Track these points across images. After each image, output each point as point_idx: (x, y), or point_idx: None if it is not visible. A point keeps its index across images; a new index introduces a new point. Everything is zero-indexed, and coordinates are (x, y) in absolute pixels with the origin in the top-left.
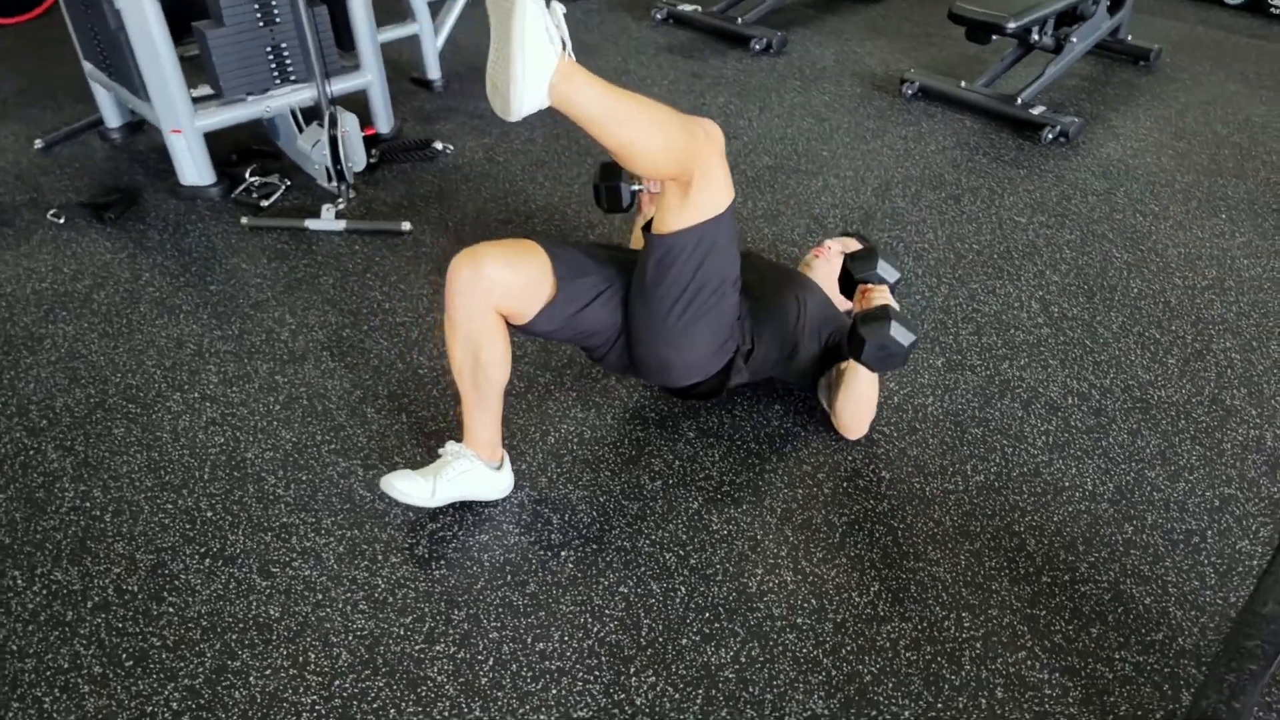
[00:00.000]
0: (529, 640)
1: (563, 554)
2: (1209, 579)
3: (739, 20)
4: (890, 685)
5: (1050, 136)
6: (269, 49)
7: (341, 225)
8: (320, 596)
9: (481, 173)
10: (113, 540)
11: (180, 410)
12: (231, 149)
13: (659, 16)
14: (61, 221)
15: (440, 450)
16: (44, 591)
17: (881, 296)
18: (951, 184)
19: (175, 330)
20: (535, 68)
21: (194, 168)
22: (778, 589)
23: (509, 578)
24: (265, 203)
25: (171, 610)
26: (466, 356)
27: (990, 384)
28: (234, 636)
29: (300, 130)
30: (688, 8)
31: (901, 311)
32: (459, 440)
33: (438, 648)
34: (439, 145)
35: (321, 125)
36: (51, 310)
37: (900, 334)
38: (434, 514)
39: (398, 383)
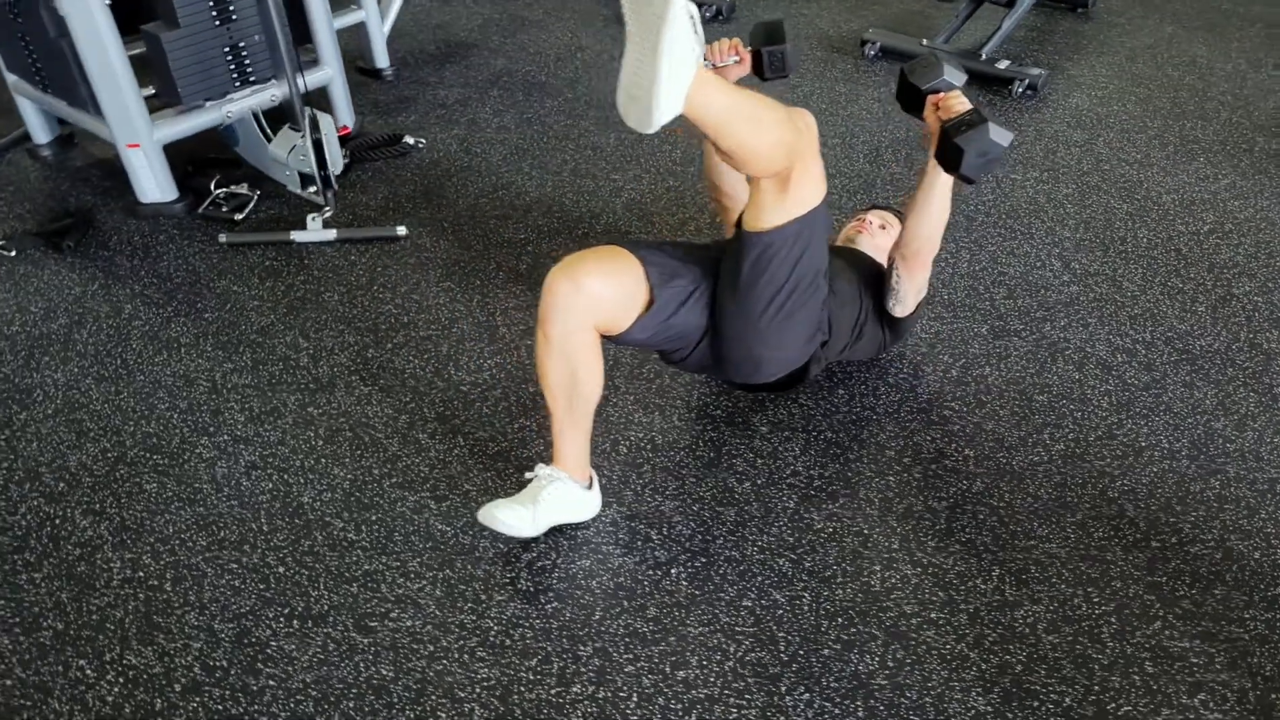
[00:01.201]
0: (667, 669)
1: (673, 571)
2: None
3: None
4: (1043, 672)
5: (1020, 90)
6: (227, 49)
7: (332, 235)
8: (432, 648)
9: (462, 166)
10: (182, 611)
11: (213, 456)
12: (185, 160)
13: None
14: (13, 254)
15: (528, 474)
16: (120, 680)
17: (960, 102)
18: None
19: (179, 366)
20: (679, 78)
21: (154, 184)
22: (901, 584)
23: (626, 603)
24: (238, 216)
25: (273, 683)
26: (563, 375)
27: (1039, 348)
28: (350, 704)
29: (268, 135)
30: None
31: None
32: (544, 462)
33: (574, 689)
34: (410, 140)
35: (295, 129)
36: (31, 356)
37: (1000, 135)
38: (526, 544)
39: (443, 403)
